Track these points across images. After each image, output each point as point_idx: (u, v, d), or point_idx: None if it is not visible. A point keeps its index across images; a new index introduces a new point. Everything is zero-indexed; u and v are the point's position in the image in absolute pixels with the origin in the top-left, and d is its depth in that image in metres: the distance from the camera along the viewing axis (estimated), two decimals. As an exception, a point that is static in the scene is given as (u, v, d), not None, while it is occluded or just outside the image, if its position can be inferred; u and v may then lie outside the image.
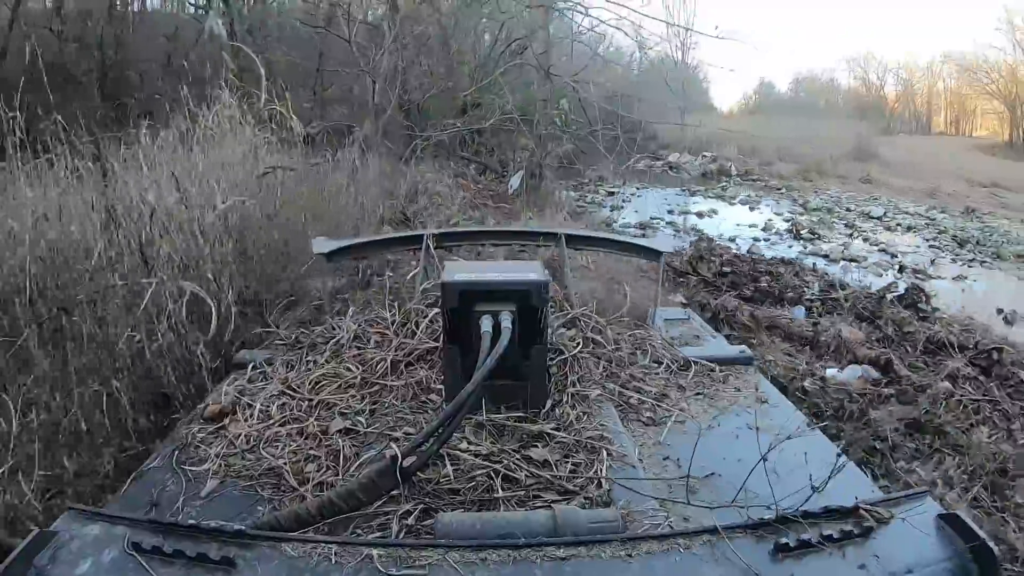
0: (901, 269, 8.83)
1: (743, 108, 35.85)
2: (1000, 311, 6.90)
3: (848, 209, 13.59)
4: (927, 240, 11.07)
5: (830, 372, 4.49)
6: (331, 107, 10.70)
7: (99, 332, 2.50)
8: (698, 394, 2.07)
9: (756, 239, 10.33)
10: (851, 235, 11.19)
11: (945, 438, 3.68)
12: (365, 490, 1.39)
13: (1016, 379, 4.39)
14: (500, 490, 1.49)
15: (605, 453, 1.62)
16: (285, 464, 1.62)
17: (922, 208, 13.94)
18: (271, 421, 1.81)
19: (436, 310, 2.14)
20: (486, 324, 1.65)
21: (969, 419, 3.87)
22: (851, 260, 9.14)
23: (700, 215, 12.50)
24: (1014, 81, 27.67)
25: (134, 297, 2.56)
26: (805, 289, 6.34)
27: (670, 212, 12.53)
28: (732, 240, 9.69)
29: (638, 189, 14.93)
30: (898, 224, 12.29)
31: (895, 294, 6.39)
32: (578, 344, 2.11)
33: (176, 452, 1.71)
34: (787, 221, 12.02)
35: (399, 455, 1.40)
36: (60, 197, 2.84)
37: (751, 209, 13.57)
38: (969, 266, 9.49)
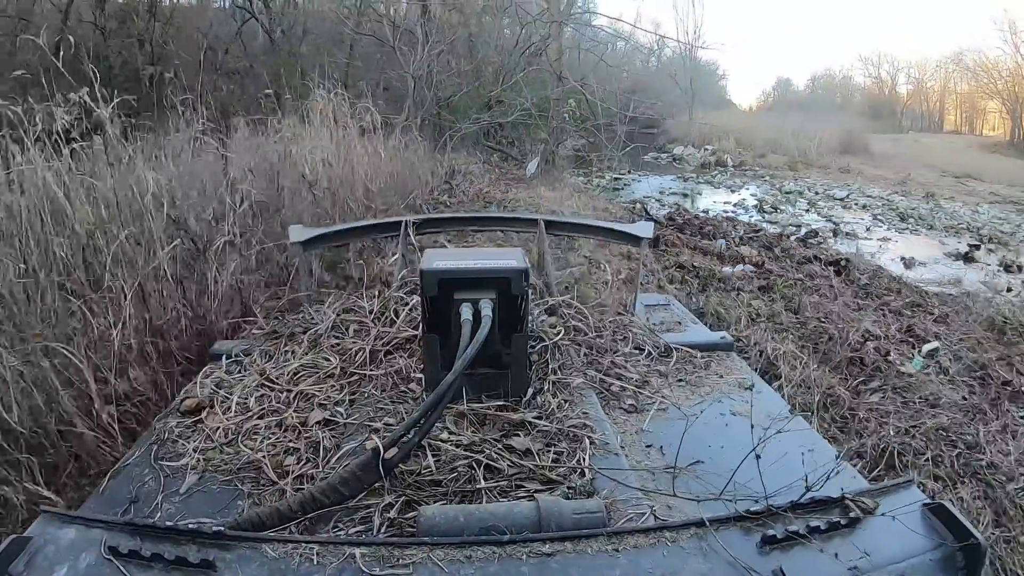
0: (835, 233, 10.32)
1: (761, 104, 36.57)
2: (903, 258, 8.77)
3: (816, 192, 14.88)
4: (874, 215, 12.34)
5: (724, 269, 6.49)
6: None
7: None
8: (680, 381, 2.07)
9: (725, 212, 11.79)
10: (807, 210, 12.53)
11: (782, 295, 5.74)
12: (347, 484, 1.37)
13: (856, 277, 6.67)
14: (483, 480, 1.48)
15: (588, 441, 1.61)
16: (264, 457, 1.59)
17: (885, 192, 15.02)
18: (249, 414, 1.78)
19: (416, 298, 2.11)
20: (466, 312, 1.62)
21: (808, 293, 5.88)
22: (797, 226, 10.63)
23: (686, 195, 13.93)
24: (1013, 81, 28.24)
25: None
26: (732, 231, 8.48)
27: (661, 193, 13.93)
28: (705, 212, 11.16)
29: (639, 176, 16.52)
30: (855, 203, 13.56)
31: (797, 236, 8.99)
32: (559, 331, 2.10)
33: (154, 447, 1.67)
34: (758, 200, 13.44)
35: (381, 448, 1.38)
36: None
37: (732, 191, 15.09)
38: (900, 233, 10.99)
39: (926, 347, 4.75)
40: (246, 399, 1.84)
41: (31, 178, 2.75)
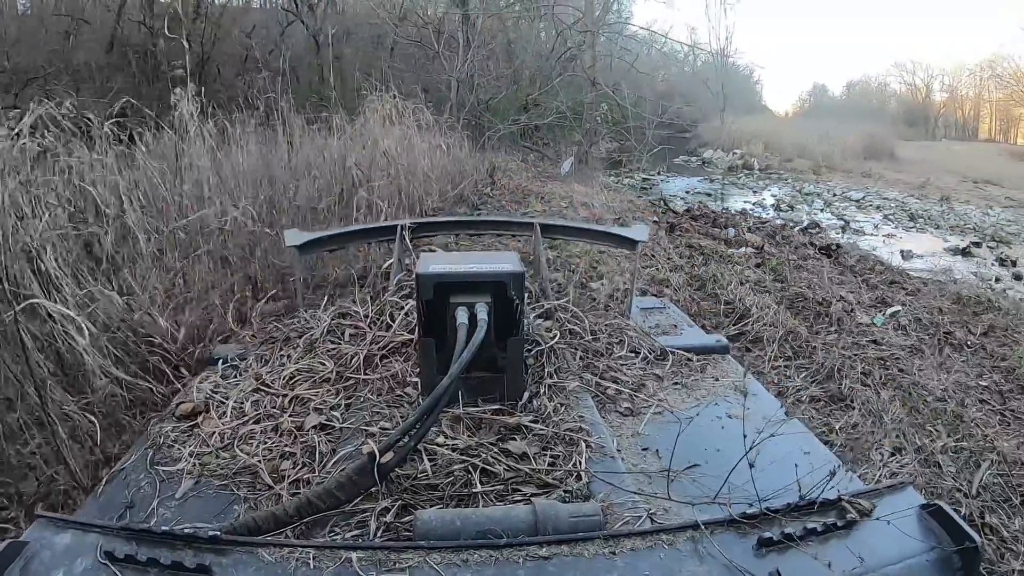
0: (844, 229, 10.99)
1: (797, 110, 36.66)
2: (902, 251, 9.39)
3: (834, 194, 15.21)
4: (886, 215, 12.76)
5: (731, 251, 7.30)
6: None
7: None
8: (676, 384, 2.06)
9: (743, 209, 12.20)
10: (822, 210, 13.23)
11: (773, 269, 6.51)
12: (343, 488, 1.37)
13: (844, 259, 7.44)
14: (479, 484, 1.47)
15: (584, 445, 1.60)
16: (260, 462, 1.59)
17: (902, 195, 15.20)
18: (245, 418, 1.78)
19: (411, 302, 2.11)
20: (462, 316, 1.61)
21: (798, 270, 6.57)
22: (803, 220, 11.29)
23: (710, 195, 14.26)
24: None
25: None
26: (742, 222, 9.26)
27: (687, 192, 14.39)
28: (725, 208, 11.66)
29: (668, 177, 17.15)
30: (870, 205, 13.88)
31: (800, 226, 9.95)
32: (555, 335, 2.09)
33: (150, 452, 1.67)
34: (776, 199, 14.24)
35: (377, 452, 1.38)
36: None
37: (755, 192, 15.69)
38: (907, 231, 11.49)
39: (889, 310, 5.36)
40: (242, 403, 1.84)
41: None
